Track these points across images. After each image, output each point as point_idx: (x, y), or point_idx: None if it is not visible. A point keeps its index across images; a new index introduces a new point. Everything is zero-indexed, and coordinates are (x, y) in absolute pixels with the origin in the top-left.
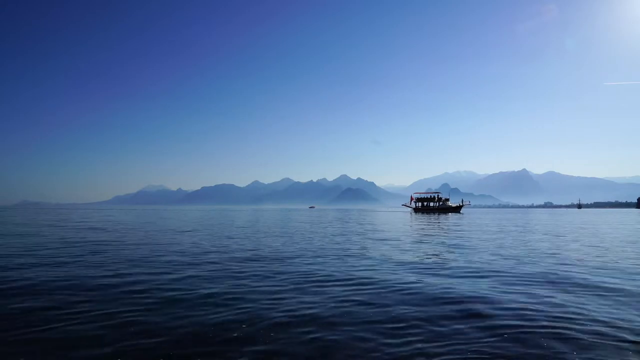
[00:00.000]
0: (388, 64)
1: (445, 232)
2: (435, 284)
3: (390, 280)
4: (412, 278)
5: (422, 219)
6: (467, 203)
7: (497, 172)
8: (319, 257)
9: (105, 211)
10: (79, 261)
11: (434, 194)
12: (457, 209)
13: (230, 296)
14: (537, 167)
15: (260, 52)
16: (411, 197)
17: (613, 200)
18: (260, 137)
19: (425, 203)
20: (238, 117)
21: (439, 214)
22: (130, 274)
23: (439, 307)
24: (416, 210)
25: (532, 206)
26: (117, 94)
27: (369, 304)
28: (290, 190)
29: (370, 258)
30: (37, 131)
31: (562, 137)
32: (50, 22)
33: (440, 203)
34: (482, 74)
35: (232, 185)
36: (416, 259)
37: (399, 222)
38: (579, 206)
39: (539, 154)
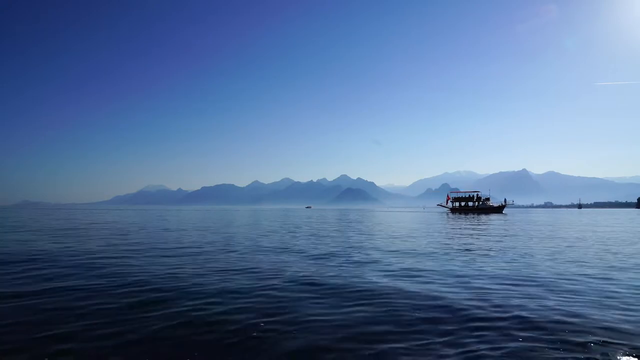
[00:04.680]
0: (388, 64)
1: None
2: None
3: None
4: None
5: (478, 222)
6: (511, 202)
7: (497, 172)
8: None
9: (122, 212)
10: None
11: (472, 193)
12: (499, 209)
13: None
14: (537, 167)
15: (260, 52)
16: (447, 196)
17: (613, 200)
18: (260, 137)
19: (463, 203)
20: (238, 117)
21: (479, 215)
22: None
23: None
24: (453, 210)
25: (532, 206)
26: (117, 94)
27: None
28: (290, 190)
29: None
30: (37, 131)
31: (562, 137)
32: (51, 22)
33: (480, 203)
34: (482, 74)
35: (232, 185)
36: None
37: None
38: (579, 206)
39: (539, 154)
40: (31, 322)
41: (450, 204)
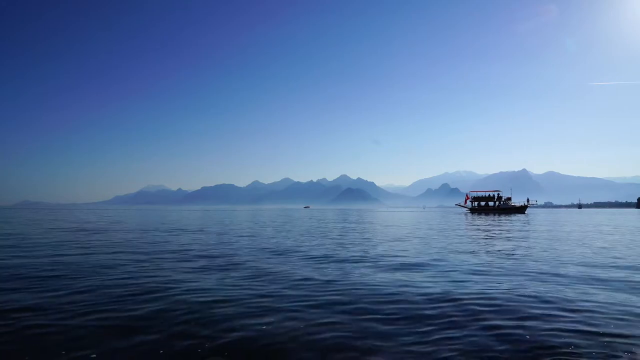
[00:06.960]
0: (388, 64)
1: None
2: None
3: None
4: None
5: (509, 223)
6: (534, 202)
7: (497, 172)
8: None
9: (129, 212)
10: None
11: (493, 193)
12: (521, 210)
13: None
14: (537, 167)
15: (260, 52)
16: (466, 196)
17: (613, 201)
18: (260, 137)
19: (483, 203)
20: (238, 117)
21: (499, 215)
22: None
23: None
24: (473, 210)
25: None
26: (117, 94)
27: None
28: (290, 190)
29: None
30: (37, 131)
31: (562, 137)
32: (51, 22)
33: (501, 202)
34: (482, 74)
35: (232, 185)
36: None
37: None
38: (579, 206)
39: (539, 154)
40: None
41: (469, 204)
